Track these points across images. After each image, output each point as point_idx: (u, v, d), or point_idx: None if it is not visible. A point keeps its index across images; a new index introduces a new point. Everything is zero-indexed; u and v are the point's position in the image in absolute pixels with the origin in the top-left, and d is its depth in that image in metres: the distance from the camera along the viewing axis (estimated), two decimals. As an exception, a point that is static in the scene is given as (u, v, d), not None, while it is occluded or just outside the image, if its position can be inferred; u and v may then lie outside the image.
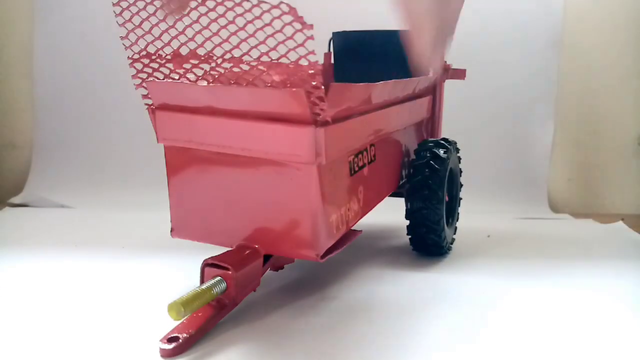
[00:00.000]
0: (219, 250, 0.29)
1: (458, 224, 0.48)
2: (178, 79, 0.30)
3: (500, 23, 0.70)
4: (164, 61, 0.29)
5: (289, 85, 0.26)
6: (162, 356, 0.25)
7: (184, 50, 0.28)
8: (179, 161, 0.30)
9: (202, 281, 0.28)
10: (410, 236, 0.41)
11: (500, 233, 0.53)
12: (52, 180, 0.64)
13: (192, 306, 0.25)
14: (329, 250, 0.29)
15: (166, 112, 0.29)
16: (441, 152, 0.41)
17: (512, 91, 0.71)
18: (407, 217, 0.41)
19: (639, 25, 0.71)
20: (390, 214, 0.43)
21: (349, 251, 0.44)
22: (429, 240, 0.41)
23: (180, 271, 0.36)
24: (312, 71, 0.24)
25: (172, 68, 0.29)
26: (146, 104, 0.30)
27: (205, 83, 0.28)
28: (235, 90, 0.27)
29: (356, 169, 0.32)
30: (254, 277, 0.29)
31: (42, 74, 0.66)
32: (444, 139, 0.43)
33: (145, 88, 0.30)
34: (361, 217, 0.34)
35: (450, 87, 0.71)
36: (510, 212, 0.64)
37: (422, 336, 0.27)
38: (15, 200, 0.61)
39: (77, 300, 0.31)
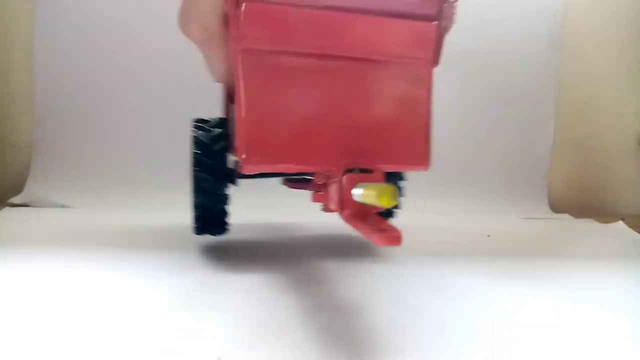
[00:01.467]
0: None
1: (458, 224, 0.48)
2: None
3: (500, 23, 0.70)
4: None
5: None
6: (397, 242, 0.21)
7: None
8: (265, 69, 0.25)
9: (346, 192, 0.24)
10: None
11: (500, 233, 0.53)
12: (52, 180, 0.64)
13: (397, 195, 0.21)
14: None
15: (260, 7, 0.24)
16: None
17: (512, 91, 0.71)
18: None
19: (639, 25, 0.72)
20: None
21: (342, 249, 0.44)
22: None
23: (182, 271, 0.36)
24: None
25: None
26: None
27: None
28: None
29: None
30: None
31: (42, 74, 0.66)
32: None
33: None
34: None
35: (450, 87, 0.71)
36: (510, 212, 0.64)
37: (420, 336, 0.27)
38: (15, 200, 0.61)
39: (77, 300, 0.31)
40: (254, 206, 0.51)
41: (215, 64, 0.33)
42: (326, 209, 0.31)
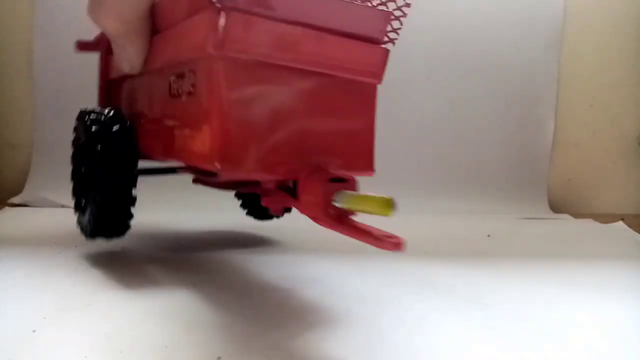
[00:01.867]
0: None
1: (458, 223, 0.48)
2: None
3: (500, 23, 0.70)
4: None
5: (379, 4, 0.28)
6: (401, 248, 0.23)
7: None
8: (241, 78, 0.26)
9: (329, 200, 0.25)
10: None
11: (500, 233, 0.53)
12: (52, 180, 0.64)
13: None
14: None
15: (246, 17, 0.25)
16: None
17: (512, 91, 0.71)
18: None
19: (639, 25, 0.72)
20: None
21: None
22: None
23: (182, 271, 0.36)
24: None
25: None
26: (203, 7, 0.25)
27: None
28: (338, 3, 0.27)
29: None
30: None
31: (42, 74, 0.66)
32: None
33: None
34: None
35: (450, 87, 0.71)
36: (510, 212, 0.64)
37: (418, 337, 0.27)
38: (15, 200, 0.61)
39: (77, 301, 0.31)
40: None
41: (130, 55, 0.31)
42: (275, 212, 0.34)
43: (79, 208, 0.39)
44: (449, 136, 0.70)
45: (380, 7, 0.29)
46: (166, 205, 0.53)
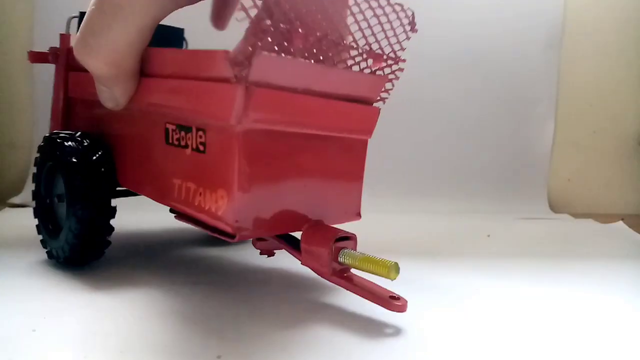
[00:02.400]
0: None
1: (458, 222, 0.48)
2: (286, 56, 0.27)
3: (500, 23, 0.70)
4: (283, 35, 0.26)
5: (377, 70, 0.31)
6: (403, 310, 0.27)
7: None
8: (259, 146, 0.27)
9: (335, 258, 0.29)
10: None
11: (500, 233, 0.53)
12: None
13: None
14: None
15: (267, 91, 0.26)
16: None
17: (512, 91, 0.71)
18: None
19: (639, 25, 0.72)
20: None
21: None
22: None
23: (182, 270, 0.36)
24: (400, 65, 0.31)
25: (296, 43, 0.27)
26: (224, 79, 0.25)
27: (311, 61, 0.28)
28: (343, 73, 0.29)
29: None
30: None
31: (42, 74, 0.66)
32: None
33: (244, 60, 0.25)
34: None
35: (450, 87, 0.71)
36: (510, 212, 0.64)
37: (416, 337, 0.27)
38: (15, 200, 0.61)
39: (77, 301, 0.31)
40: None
41: (116, 96, 0.31)
42: (267, 253, 0.35)
43: (49, 239, 0.37)
44: (449, 136, 0.70)
45: (378, 73, 0.31)
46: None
